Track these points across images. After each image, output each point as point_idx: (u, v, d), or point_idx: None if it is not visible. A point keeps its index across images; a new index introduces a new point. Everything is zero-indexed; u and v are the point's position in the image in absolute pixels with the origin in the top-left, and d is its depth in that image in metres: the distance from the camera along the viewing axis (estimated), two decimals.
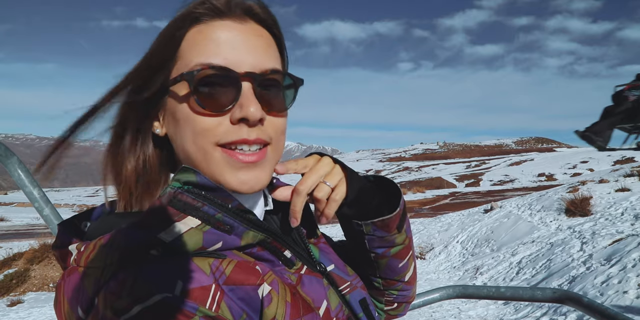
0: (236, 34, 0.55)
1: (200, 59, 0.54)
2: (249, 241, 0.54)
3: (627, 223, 8.73)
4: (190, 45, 0.55)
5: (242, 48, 0.55)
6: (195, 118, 0.54)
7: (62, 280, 0.51)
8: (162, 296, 0.44)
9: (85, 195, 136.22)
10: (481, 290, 1.46)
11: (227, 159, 0.55)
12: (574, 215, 10.33)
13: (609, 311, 1.16)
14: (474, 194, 30.86)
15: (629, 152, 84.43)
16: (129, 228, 0.49)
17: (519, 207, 12.31)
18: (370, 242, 0.70)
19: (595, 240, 8.25)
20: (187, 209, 0.49)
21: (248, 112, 0.53)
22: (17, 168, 1.17)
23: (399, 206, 0.69)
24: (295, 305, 0.55)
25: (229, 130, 0.55)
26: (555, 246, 8.82)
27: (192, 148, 0.55)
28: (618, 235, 8.20)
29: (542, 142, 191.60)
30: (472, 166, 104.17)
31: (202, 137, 0.54)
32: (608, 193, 11.06)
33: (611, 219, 9.27)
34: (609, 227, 8.75)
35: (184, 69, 0.54)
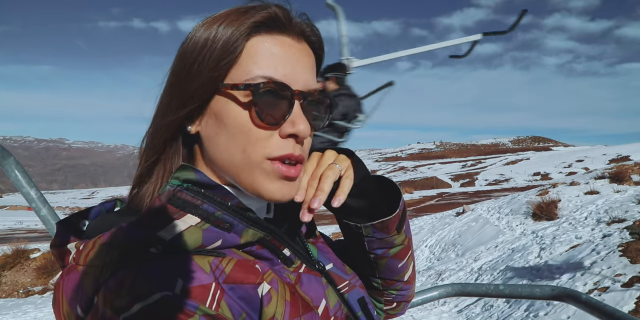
0: (294, 51, 0.57)
1: (262, 71, 0.54)
2: (249, 239, 0.54)
3: (588, 228, 8.55)
4: (251, 54, 0.55)
5: (297, 66, 0.57)
6: (250, 128, 0.55)
7: (61, 279, 0.50)
8: (162, 294, 0.43)
9: (81, 198, 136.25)
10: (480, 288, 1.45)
11: (273, 169, 0.56)
12: (540, 219, 10.15)
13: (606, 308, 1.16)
14: (462, 195, 30.67)
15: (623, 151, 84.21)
16: (128, 226, 0.49)
17: (489, 211, 12.12)
18: (369, 243, 0.70)
19: (554, 246, 8.06)
20: (186, 206, 0.49)
21: (299, 130, 0.55)
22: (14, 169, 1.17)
23: (398, 207, 0.69)
24: (295, 304, 0.55)
25: (279, 144, 0.56)
26: (515, 252, 8.64)
27: (239, 154, 0.55)
28: (576, 241, 8.02)
29: (538, 141, 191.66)
30: (468, 165, 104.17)
31: (253, 147, 0.55)
32: (577, 196, 10.87)
33: (574, 224, 9.09)
34: (570, 232, 8.57)
35: (243, 77, 0.54)
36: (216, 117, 0.56)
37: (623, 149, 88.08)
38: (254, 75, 0.54)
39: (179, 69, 0.57)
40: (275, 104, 0.55)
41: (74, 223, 0.59)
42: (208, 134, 0.57)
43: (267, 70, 0.55)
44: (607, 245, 7.15)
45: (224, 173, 0.58)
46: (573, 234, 8.35)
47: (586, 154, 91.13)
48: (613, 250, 6.84)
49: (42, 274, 15.42)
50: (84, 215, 0.61)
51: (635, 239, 7.11)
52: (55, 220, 1.19)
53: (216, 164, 0.58)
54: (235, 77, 0.55)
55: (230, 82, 0.55)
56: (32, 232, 25.00)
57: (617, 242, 7.11)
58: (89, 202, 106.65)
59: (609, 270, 6.35)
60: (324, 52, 0.65)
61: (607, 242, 7.29)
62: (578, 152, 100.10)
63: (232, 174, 0.57)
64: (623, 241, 7.13)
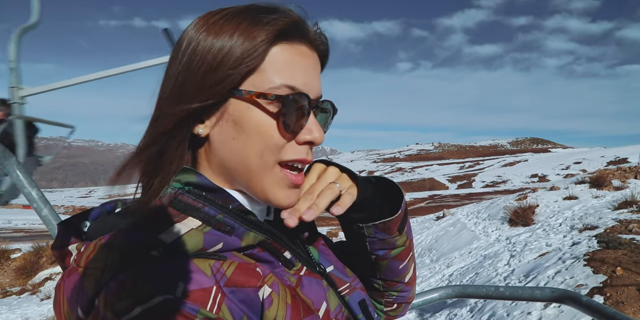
0: (311, 61, 0.58)
1: (286, 81, 0.55)
2: (250, 242, 0.54)
3: (560, 235, 8.40)
4: (274, 62, 0.55)
5: (313, 75, 0.58)
6: (273, 135, 0.55)
7: (62, 280, 0.50)
8: (163, 297, 0.43)
9: (78, 196, 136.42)
10: (480, 290, 1.44)
11: (283, 177, 0.57)
12: (516, 224, 10.01)
13: (607, 310, 1.16)
14: (453, 197, 30.52)
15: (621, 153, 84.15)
16: (129, 228, 0.48)
17: (468, 215, 11.97)
18: (371, 244, 0.70)
19: (523, 254, 7.91)
20: (187, 209, 0.49)
21: (315, 137, 0.57)
22: (15, 169, 1.17)
23: (400, 208, 0.69)
24: (296, 307, 0.55)
25: (294, 149, 0.57)
26: (487, 259, 8.49)
27: (256, 160, 0.56)
28: (545, 249, 7.86)
29: (537, 142, 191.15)
30: (466, 167, 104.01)
31: (271, 153, 0.56)
32: (555, 201, 10.72)
33: (548, 230, 8.94)
34: (542, 239, 8.42)
35: (266, 85, 0.54)
36: (235, 122, 0.55)
37: (621, 151, 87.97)
38: (278, 84, 0.54)
39: (195, 62, 0.54)
40: (297, 113, 0.55)
41: (75, 224, 0.58)
42: (223, 138, 0.57)
43: (290, 80, 0.55)
44: (573, 254, 7.00)
45: (234, 177, 0.58)
46: (544, 241, 8.20)
47: (584, 156, 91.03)
48: (578, 259, 6.69)
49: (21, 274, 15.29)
50: (85, 216, 0.60)
51: (602, 248, 6.96)
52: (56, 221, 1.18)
53: (227, 167, 0.58)
54: (257, 84, 0.54)
55: (253, 89, 0.54)
56: (18, 231, 24.88)
57: (584, 251, 6.96)
58: (86, 201, 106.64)
59: (572, 280, 6.21)
60: (327, 60, 0.66)
61: (575, 250, 7.14)
62: (576, 154, 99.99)
63: (244, 178, 0.57)
64: (590, 250, 6.98)
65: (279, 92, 0.55)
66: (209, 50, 0.54)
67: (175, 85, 0.55)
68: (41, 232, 28.90)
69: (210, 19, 0.56)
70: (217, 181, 0.59)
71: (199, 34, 0.55)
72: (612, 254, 6.60)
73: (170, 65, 0.57)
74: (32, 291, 14.44)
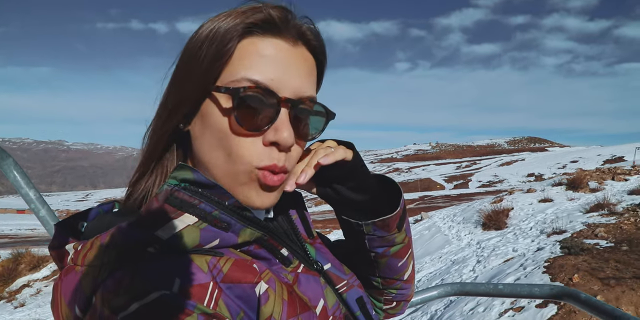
0: (286, 56, 0.55)
1: (247, 73, 0.53)
2: (246, 239, 0.54)
3: (528, 239, 8.25)
4: (241, 56, 0.54)
5: (288, 71, 0.55)
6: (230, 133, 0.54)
7: (59, 279, 0.50)
8: (160, 293, 0.43)
9: (75, 200, 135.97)
10: (479, 288, 1.44)
11: (258, 177, 0.55)
12: (489, 228, 9.85)
13: (605, 307, 1.16)
14: (443, 198, 30.35)
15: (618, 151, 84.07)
16: (125, 226, 0.48)
17: (444, 219, 11.80)
18: (370, 241, 0.69)
19: (489, 260, 7.75)
20: (183, 206, 0.49)
21: (281, 137, 0.54)
22: (12, 169, 1.17)
23: (399, 205, 0.68)
24: (292, 304, 0.54)
25: (261, 153, 0.55)
26: (455, 264, 8.33)
27: (224, 158, 0.55)
28: (511, 254, 7.70)
29: (534, 141, 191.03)
30: (463, 167, 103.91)
31: (237, 153, 0.54)
32: (530, 204, 10.56)
33: (518, 235, 8.78)
34: (510, 244, 8.26)
35: (229, 78, 0.53)
36: (203, 117, 0.56)
37: (617, 149, 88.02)
38: (239, 77, 0.53)
39: (177, 70, 0.56)
40: (258, 109, 0.53)
41: (72, 224, 0.58)
42: (196, 134, 0.57)
43: (254, 73, 0.53)
44: (535, 260, 6.84)
45: (208, 173, 0.57)
46: (512, 246, 8.04)
47: (581, 155, 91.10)
48: (539, 266, 6.53)
49: None
50: (82, 216, 0.60)
51: (564, 254, 6.80)
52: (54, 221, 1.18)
53: (202, 163, 0.57)
54: (224, 78, 0.54)
55: (220, 84, 0.54)
56: (3, 237, 24.65)
57: (546, 257, 6.80)
58: (83, 204, 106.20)
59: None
60: (325, 57, 0.63)
61: (537, 256, 6.99)
62: (573, 153, 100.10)
63: (216, 176, 0.56)
64: (552, 256, 6.83)
65: (236, 85, 0.53)
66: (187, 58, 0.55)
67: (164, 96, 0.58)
68: (25, 238, 28.66)
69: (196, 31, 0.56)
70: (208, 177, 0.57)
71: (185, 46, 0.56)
72: (572, 260, 6.45)
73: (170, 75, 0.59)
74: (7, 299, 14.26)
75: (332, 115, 0.62)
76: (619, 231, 7.51)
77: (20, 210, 69.82)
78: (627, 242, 6.87)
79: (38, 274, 16.17)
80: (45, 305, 12.47)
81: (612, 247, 6.81)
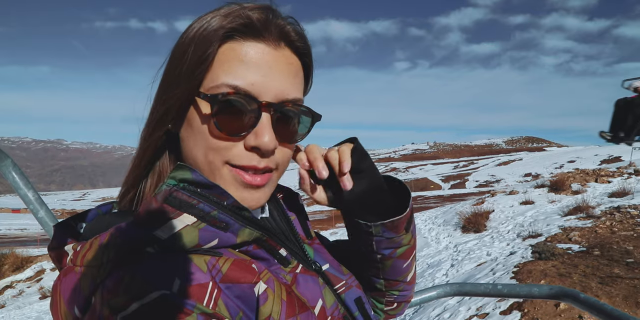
0: (268, 59, 0.55)
1: (227, 78, 0.53)
2: (245, 239, 0.54)
3: (504, 243, 8.14)
4: (221, 61, 0.54)
5: (270, 75, 0.55)
6: (210, 137, 0.55)
7: (58, 280, 0.50)
8: (160, 293, 0.43)
9: (72, 199, 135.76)
10: (478, 288, 1.44)
11: (235, 177, 0.56)
12: (469, 231, 9.73)
13: (604, 307, 1.17)
14: (436, 198, 30.24)
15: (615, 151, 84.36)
16: (124, 226, 0.49)
17: (426, 221, 11.68)
18: (377, 243, 0.69)
19: (463, 264, 7.64)
20: (182, 206, 0.49)
21: (262, 142, 0.54)
22: (11, 170, 1.17)
23: (408, 206, 0.68)
24: (291, 304, 0.54)
25: (241, 155, 0.55)
26: (430, 268, 8.22)
27: (201, 159, 0.56)
28: (484, 259, 7.59)
29: (532, 141, 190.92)
30: (460, 166, 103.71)
31: (214, 154, 0.55)
32: (511, 206, 10.44)
33: (495, 238, 8.67)
34: (486, 247, 8.15)
35: (210, 84, 0.54)
36: (187, 120, 0.57)
37: (615, 149, 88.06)
38: (219, 82, 0.54)
39: (165, 75, 0.57)
40: (238, 114, 0.54)
41: (71, 225, 0.58)
42: (182, 136, 0.58)
43: (234, 78, 0.53)
44: (506, 265, 6.74)
45: None
46: (487, 250, 7.93)
47: (578, 155, 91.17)
48: (508, 271, 6.43)
49: None
50: (81, 217, 0.60)
51: (534, 259, 6.69)
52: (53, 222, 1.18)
53: (190, 164, 0.58)
54: (206, 84, 0.54)
55: (202, 90, 0.55)
56: None
57: (516, 262, 6.70)
58: (80, 204, 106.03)
59: None
60: (311, 58, 0.62)
61: (508, 261, 6.88)
62: (571, 153, 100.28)
63: None
64: (522, 261, 6.72)
65: (216, 91, 0.53)
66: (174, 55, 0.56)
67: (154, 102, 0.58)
68: (14, 238, 28.49)
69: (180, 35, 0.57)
70: None
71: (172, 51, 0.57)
72: (541, 265, 6.34)
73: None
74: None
75: (318, 117, 0.62)
76: (594, 235, 7.41)
77: (15, 210, 69.52)
78: (599, 247, 6.76)
79: (21, 275, 16.05)
80: (25, 307, 12.35)
81: (583, 251, 6.70)
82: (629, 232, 7.28)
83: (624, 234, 7.23)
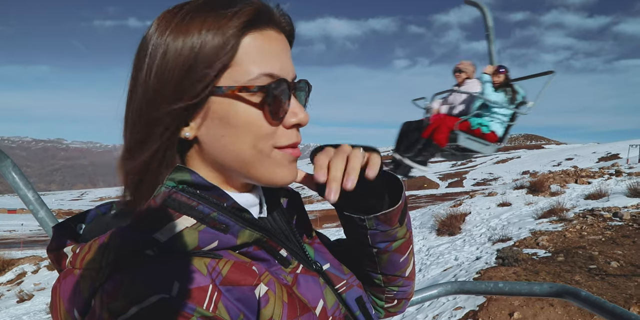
0: (279, 44, 0.58)
1: (263, 69, 0.55)
2: (245, 240, 0.54)
3: (473, 247, 7.99)
4: (247, 53, 0.54)
5: (285, 58, 0.58)
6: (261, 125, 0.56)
7: (58, 283, 0.50)
8: (159, 297, 0.43)
9: (70, 199, 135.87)
10: (479, 286, 1.44)
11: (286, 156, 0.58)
12: (443, 234, 9.58)
13: (605, 304, 1.17)
14: (428, 197, 30.10)
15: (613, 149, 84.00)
16: (123, 228, 0.49)
17: None
18: (372, 237, 0.68)
19: (429, 269, 7.50)
20: (182, 208, 0.49)
21: (301, 119, 0.58)
22: (10, 171, 1.17)
23: (401, 199, 0.68)
24: (292, 305, 0.54)
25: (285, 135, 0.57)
26: None
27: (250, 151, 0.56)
28: (451, 263, 7.45)
29: (531, 139, 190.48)
30: (458, 164, 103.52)
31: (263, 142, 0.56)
32: (488, 208, 10.29)
33: (467, 241, 8.53)
34: (456, 251, 8.00)
35: (245, 77, 0.54)
36: (221, 119, 0.55)
37: (613, 146, 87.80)
38: (256, 74, 0.54)
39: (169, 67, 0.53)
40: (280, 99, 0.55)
41: (71, 227, 0.58)
42: (212, 138, 0.56)
43: (268, 68, 0.55)
44: (469, 271, 6.60)
45: (233, 172, 0.58)
46: (456, 254, 7.79)
47: (577, 152, 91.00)
48: (470, 277, 6.28)
49: None
50: (81, 218, 0.60)
51: (498, 264, 6.54)
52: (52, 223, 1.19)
53: (223, 164, 0.58)
54: (236, 77, 0.54)
55: (234, 84, 0.54)
56: None
57: (479, 268, 6.56)
58: (77, 204, 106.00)
59: (452, 301, 5.81)
60: (294, 39, 0.65)
61: (472, 266, 6.74)
62: (569, 151, 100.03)
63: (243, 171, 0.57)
64: (485, 266, 6.58)
65: (259, 82, 0.54)
66: (180, 53, 0.52)
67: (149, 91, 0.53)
68: (3, 240, 28.38)
69: (172, 20, 0.53)
70: (213, 181, 0.58)
71: (165, 37, 0.53)
72: (503, 272, 6.20)
73: (137, 74, 0.54)
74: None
75: (311, 88, 0.65)
76: (562, 240, 7.26)
77: (12, 210, 69.42)
78: (564, 252, 6.61)
79: (2, 278, 15.94)
80: (0, 311, 12.23)
81: (548, 257, 6.56)
82: (598, 236, 7.13)
83: (592, 238, 7.08)
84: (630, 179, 10.40)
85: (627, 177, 11.01)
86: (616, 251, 6.43)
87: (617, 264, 5.98)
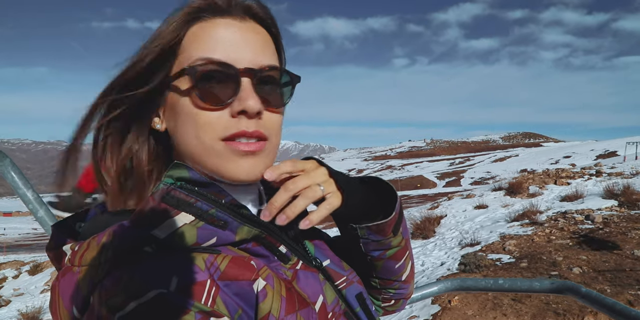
0: (236, 31, 0.57)
1: (202, 54, 0.55)
2: (244, 236, 0.54)
3: (442, 252, 7.82)
4: (192, 41, 0.56)
5: (241, 45, 0.57)
6: (197, 112, 0.55)
7: (57, 280, 0.51)
8: (158, 292, 0.44)
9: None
10: (479, 283, 1.42)
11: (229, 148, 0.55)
12: (417, 237, 9.41)
13: (606, 300, 1.17)
14: (420, 197, 29.93)
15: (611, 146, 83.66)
16: (122, 226, 0.49)
17: None
18: (365, 245, 0.68)
19: None
20: (180, 205, 0.49)
21: (247, 105, 0.55)
22: (10, 170, 1.17)
23: (394, 210, 0.67)
24: (291, 300, 0.54)
25: (229, 124, 0.55)
26: None
27: (194, 142, 0.55)
28: (416, 269, 7.27)
29: (529, 137, 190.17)
30: (456, 163, 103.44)
31: (204, 131, 0.55)
32: (464, 211, 10.11)
33: (438, 245, 8.36)
34: (424, 256, 7.84)
35: (185, 63, 0.55)
36: (171, 109, 0.57)
37: (611, 144, 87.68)
38: (193, 59, 0.54)
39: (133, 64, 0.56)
40: (219, 84, 0.54)
41: (70, 225, 0.59)
42: (171, 129, 0.58)
43: (206, 52, 0.55)
44: (430, 277, 6.43)
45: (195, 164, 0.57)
46: (423, 259, 7.62)
47: (574, 150, 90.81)
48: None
49: None
50: (80, 217, 0.60)
51: (459, 271, 6.37)
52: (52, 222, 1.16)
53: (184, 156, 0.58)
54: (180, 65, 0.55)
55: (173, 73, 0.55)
56: None
57: (440, 275, 6.39)
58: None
59: (408, 310, 5.63)
60: (277, 28, 0.64)
61: (434, 273, 6.58)
62: (567, 148, 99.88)
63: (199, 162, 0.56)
64: (447, 273, 6.41)
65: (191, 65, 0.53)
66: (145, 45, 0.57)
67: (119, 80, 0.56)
68: None
69: None
70: None
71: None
72: None
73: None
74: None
75: (298, 79, 0.62)
76: (529, 244, 7.08)
77: (7, 213, 69.20)
78: (528, 258, 6.44)
79: None
80: None
81: (511, 263, 6.38)
82: (565, 241, 6.96)
83: (560, 243, 6.91)
84: (609, 180, 10.22)
85: (607, 177, 10.84)
86: (581, 257, 6.26)
87: (579, 270, 5.81)
